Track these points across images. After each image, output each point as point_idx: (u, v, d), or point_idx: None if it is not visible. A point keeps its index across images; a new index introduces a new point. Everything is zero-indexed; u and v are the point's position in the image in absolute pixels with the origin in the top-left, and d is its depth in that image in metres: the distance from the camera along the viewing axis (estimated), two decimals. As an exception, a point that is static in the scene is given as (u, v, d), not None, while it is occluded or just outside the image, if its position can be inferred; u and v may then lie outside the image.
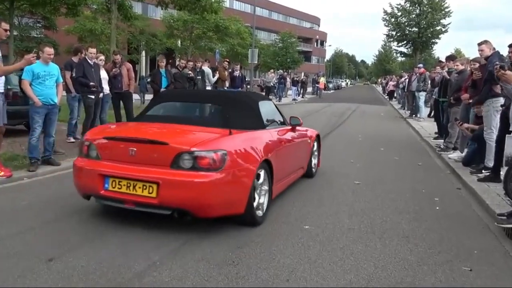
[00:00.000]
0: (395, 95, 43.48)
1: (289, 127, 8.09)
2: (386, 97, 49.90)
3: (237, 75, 20.35)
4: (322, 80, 53.27)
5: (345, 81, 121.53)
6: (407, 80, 29.34)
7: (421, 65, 25.58)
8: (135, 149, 5.72)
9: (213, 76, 18.37)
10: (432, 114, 19.80)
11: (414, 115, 24.74)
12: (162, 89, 13.59)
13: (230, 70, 20.77)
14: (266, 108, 7.56)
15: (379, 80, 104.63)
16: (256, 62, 41.12)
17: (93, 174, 5.88)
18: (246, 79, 40.88)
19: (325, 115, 25.66)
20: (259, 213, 6.29)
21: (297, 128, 8.43)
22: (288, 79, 45.39)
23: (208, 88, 17.24)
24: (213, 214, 5.72)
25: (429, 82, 21.37)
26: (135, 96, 19.29)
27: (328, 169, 10.26)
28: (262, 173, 6.29)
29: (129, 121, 8.08)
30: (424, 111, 24.00)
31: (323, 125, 20.02)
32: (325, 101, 42.18)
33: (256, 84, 47.90)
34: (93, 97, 11.60)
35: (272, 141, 6.82)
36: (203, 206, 5.54)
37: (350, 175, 9.77)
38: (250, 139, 6.30)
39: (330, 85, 76.55)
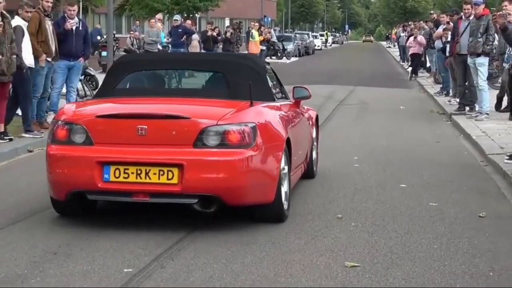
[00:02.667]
0: (428, 64, 23.87)
1: (292, 102, 7.15)
2: (408, 68, 28.01)
3: (72, 27, 10.88)
4: (257, 35, 28.89)
5: (323, 36, 75.10)
6: (449, 32, 15.03)
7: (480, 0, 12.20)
8: (145, 127, 5.32)
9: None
10: (506, 104, 12.17)
11: (468, 108, 13.22)
12: None
13: (64, 15, 11.29)
14: (270, 76, 6.89)
15: (394, 32, 64.14)
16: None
17: (86, 163, 5.33)
18: (99, 37, 26.65)
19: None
20: (286, 204, 5.80)
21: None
22: (195, 35, 23.57)
23: None
24: (245, 201, 5.44)
25: (496, 35, 12.07)
26: None
27: (296, 230, 5.60)
28: (283, 155, 5.87)
29: (99, 98, 6.48)
30: (489, 97, 12.67)
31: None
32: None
33: (122, 46, 25.82)
34: None
35: (286, 117, 6.33)
36: (235, 190, 5.29)
37: (338, 247, 5.13)
38: (271, 112, 6.05)
39: (289, 46, 42.52)
